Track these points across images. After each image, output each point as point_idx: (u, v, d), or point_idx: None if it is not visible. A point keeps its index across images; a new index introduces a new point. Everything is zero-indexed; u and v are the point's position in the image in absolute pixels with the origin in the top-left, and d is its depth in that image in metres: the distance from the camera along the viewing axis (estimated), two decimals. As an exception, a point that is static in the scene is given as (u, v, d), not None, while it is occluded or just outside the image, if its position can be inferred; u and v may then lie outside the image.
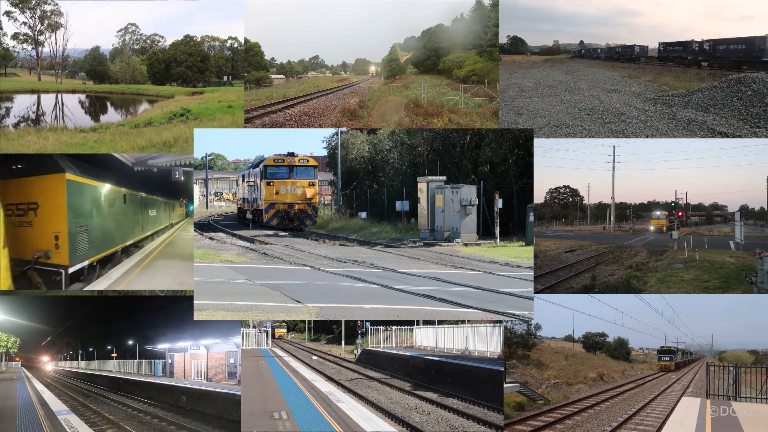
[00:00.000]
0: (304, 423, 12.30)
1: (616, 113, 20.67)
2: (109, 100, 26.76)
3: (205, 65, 25.67)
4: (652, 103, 21.66)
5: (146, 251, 23.75)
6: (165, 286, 16.65)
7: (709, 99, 20.74)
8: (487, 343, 20.95)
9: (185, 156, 18.80)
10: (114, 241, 18.34)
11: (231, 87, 24.76)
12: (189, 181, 20.03)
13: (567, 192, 34.65)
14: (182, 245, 26.34)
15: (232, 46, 25.61)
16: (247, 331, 28.47)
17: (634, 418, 16.02)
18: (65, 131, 20.25)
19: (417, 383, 18.61)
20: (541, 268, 19.47)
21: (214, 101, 23.05)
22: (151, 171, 20.31)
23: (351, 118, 21.04)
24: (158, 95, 25.90)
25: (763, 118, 18.51)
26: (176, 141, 19.01)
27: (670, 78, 25.32)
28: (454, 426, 13.17)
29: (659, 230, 30.57)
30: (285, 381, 18.35)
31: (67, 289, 14.50)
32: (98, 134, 20.07)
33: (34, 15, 23.38)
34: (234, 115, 20.10)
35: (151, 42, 26.17)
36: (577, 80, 26.41)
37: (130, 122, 22.43)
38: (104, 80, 26.21)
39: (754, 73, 20.79)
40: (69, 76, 25.70)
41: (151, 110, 24.03)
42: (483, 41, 22.41)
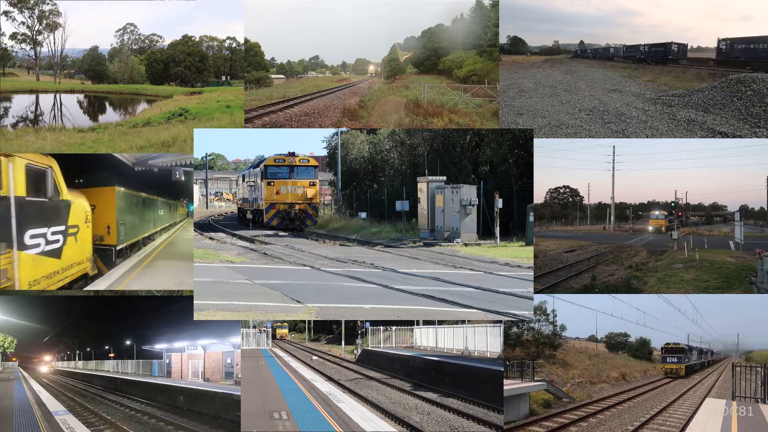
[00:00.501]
0: (304, 423, 12.32)
1: (617, 113, 20.63)
2: (108, 100, 26.77)
3: (204, 65, 25.70)
4: (652, 103, 21.61)
5: (146, 251, 23.73)
6: (165, 286, 16.62)
7: (709, 99, 20.68)
8: (487, 343, 21.05)
9: (185, 156, 18.78)
10: (138, 232, 22.35)
11: (229, 87, 24.80)
12: (189, 181, 20.01)
13: (567, 192, 34.68)
14: (182, 245, 26.32)
15: (230, 46, 25.66)
16: (247, 331, 28.60)
17: (656, 418, 16.03)
18: (64, 131, 20.28)
19: (417, 383, 18.61)
20: (541, 268, 19.46)
21: (213, 101, 23.07)
22: (151, 171, 20.28)
23: (351, 118, 21.02)
24: (156, 95, 25.93)
25: (764, 117, 18.47)
26: (174, 141, 19.03)
27: (670, 78, 25.24)
28: (454, 426, 13.18)
29: (658, 230, 30.01)
30: (285, 381, 18.38)
31: (66, 289, 14.49)
32: (97, 134, 20.12)
33: (32, 15, 23.36)
34: (232, 114, 20.11)
35: (149, 42, 26.19)
36: (577, 80, 26.22)
37: (128, 122, 22.45)
38: (103, 80, 26.21)
39: (755, 73, 20.69)
40: (67, 76, 25.69)
41: (150, 110, 24.04)
42: (483, 41, 22.42)
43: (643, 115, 20.35)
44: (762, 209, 24.94)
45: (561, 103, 22.41)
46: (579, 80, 26.23)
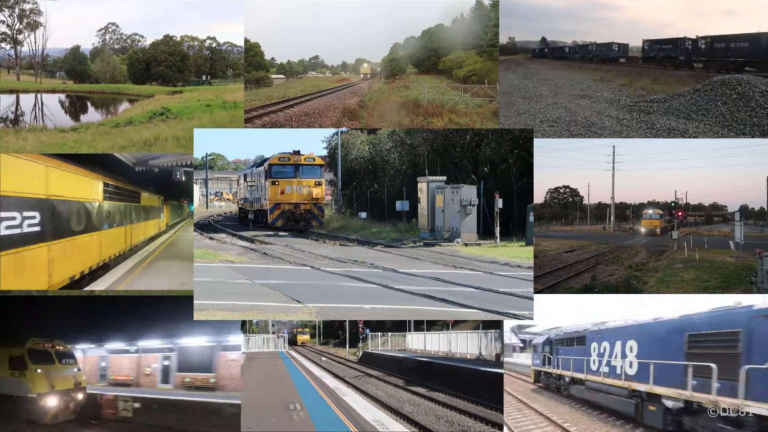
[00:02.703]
0: (315, 413, 13.98)
1: (586, 123, 18.79)
2: (90, 99, 26.61)
3: (185, 65, 25.70)
4: (627, 111, 19.75)
5: (147, 251, 23.75)
6: (165, 286, 16.63)
7: (691, 104, 19.28)
8: (467, 345, 24.63)
9: (186, 156, 18.77)
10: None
11: (209, 86, 24.85)
12: (189, 181, 20.03)
13: (567, 192, 34.66)
14: (182, 245, 26.36)
15: (210, 46, 25.66)
16: (267, 336, 33.95)
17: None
18: (45, 131, 19.92)
19: (409, 380, 21.24)
20: (541, 268, 19.45)
21: (193, 100, 23.06)
22: (152, 171, 20.30)
23: (351, 118, 21.04)
24: (138, 95, 25.79)
25: (749, 123, 17.38)
26: (156, 140, 18.70)
27: (648, 81, 23.19)
28: (438, 415, 14.79)
29: (652, 232, 27.57)
30: (299, 378, 20.74)
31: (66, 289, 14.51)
32: (78, 134, 19.74)
33: (12, 14, 23.09)
34: (212, 113, 20.08)
35: (131, 42, 26.05)
36: (538, 85, 23.57)
37: (110, 122, 22.25)
38: (84, 80, 26.00)
39: (739, 74, 19.60)
40: (48, 75, 25.46)
41: (132, 109, 23.97)
42: (483, 41, 22.42)
43: (617, 124, 18.67)
44: (762, 209, 24.89)
45: (518, 113, 20.09)
46: (540, 85, 23.54)
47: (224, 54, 25.74)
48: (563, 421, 13.76)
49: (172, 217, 37.54)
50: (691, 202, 31.74)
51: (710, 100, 18.98)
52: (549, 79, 24.26)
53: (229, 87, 24.70)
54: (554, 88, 23.33)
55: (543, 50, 27.67)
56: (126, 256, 21.53)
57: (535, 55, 26.68)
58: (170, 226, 36.20)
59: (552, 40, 26.64)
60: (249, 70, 22.75)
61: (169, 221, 36.20)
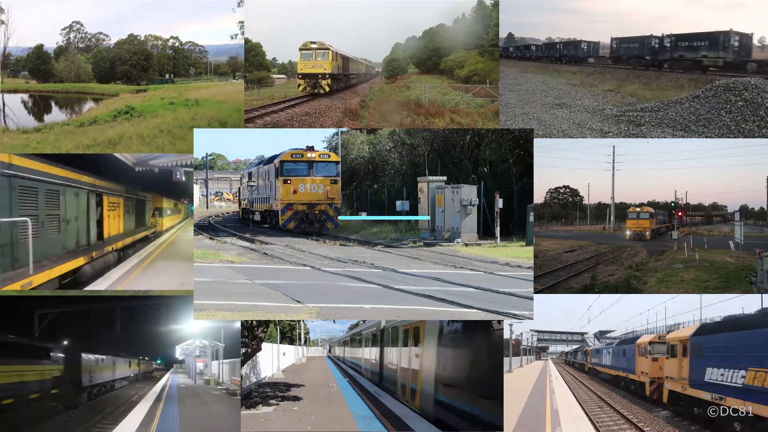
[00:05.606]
0: (344, 388, 20.03)
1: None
2: (54, 99, 26.28)
3: (149, 63, 25.70)
4: (614, 122, 16.96)
5: (147, 251, 23.74)
6: (165, 286, 16.63)
7: (690, 113, 16.86)
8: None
9: (186, 156, 18.76)
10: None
11: (173, 84, 24.95)
12: (189, 181, 20.03)
13: (567, 192, 34.61)
14: (182, 245, 26.34)
15: (173, 45, 25.76)
16: (316, 348, 40.46)
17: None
18: (7, 132, 19.57)
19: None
20: (541, 268, 19.44)
21: (157, 98, 23.01)
22: (152, 171, 20.28)
23: (352, 118, 21.05)
24: (103, 94, 25.51)
25: (758, 134, 15.40)
26: (120, 139, 18.47)
27: (638, 86, 20.33)
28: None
29: (639, 236, 23.71)
30: (333, 369, 28.58)
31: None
32: (42, 134, 19.39)
33: None
34: (176, 111, 20.15)
35: (95, 41, 25.89)
36: (503, 92, 19.21)
37: (74, 121, 21.91)
38: (48, 79, 25.62)
39: (746, 78, 17.45)
40: (11, 75, 25.03)
41: (96, 109, 23.83)
42: (484, 41, 22.41)
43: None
44: (762, 209, 24.87)
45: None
46: (505, 92, 19.31)
47: (186, 53, 25.89)
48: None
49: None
50: (691, 202, 31.70)
51: (712, 108, 16.67)
52: (517, 84, 20.86)
53: (191, 85, 24.92)
54: (523, 95, 20.19)
55: (507, 49, 24.32)
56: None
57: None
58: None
59: (521, 36, 23.72)
60: (250, 70, 22.76)
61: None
